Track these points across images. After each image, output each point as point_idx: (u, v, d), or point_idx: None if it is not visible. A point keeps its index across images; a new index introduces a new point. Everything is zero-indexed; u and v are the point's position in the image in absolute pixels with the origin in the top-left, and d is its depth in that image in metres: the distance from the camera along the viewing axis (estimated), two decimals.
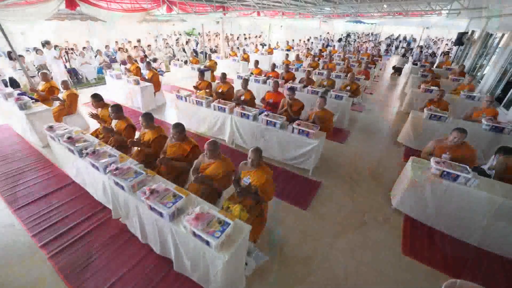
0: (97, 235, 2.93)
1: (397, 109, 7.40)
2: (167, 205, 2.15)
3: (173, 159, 2.99)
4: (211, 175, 2.71)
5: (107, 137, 3.73)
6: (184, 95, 5.08)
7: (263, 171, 2.53)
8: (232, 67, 10.10)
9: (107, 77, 6.85)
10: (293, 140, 3.94)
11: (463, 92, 6.07)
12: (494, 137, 4.31)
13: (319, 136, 3.88)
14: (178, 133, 2.90)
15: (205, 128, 5.14)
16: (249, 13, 11.26)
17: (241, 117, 4.42)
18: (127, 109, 6.58)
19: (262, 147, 4.41)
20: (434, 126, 4.70)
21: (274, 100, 5.07)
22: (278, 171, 4.19)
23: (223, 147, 4.86)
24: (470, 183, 2.77)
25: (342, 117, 5.69)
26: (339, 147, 5.07)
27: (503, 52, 6.62)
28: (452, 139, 3.12)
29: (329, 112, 4.24)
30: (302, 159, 4.00)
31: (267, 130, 4.16)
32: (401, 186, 3.30)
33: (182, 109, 5.34)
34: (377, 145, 5.25)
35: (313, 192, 3.71)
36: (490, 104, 4.72)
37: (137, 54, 10.42)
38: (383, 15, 15.56)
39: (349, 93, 5.90)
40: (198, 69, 7.92)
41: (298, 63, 8.82)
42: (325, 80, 6.55)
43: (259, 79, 6.71)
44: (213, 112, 4.78)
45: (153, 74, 6.50)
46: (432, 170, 2.93)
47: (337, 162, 4.57)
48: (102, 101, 3.85)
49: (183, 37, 16.59)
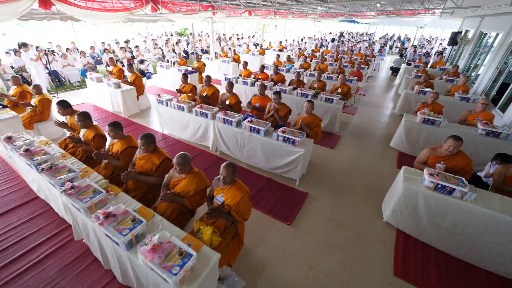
0: (58, 258, 2.63)
1: (390, 111, 7.18)
2: (122, 232, 1.87)
3: (141, 173, 2.70)
4: (182, 192, 2.43)
5: (77, 148, 3.43)
6: (165, 99, 4.79)
7: (238, 188, 2.26)
8: (222, 68, 9.81)
9: (88, 80, 6.52)
10: (278, 148, 3.68)
11: (457, 94, 5.88)
12: (490, 142, 4.10)
13: (306, 143, 3.63)
14: (146, 145, 2.61)
15: (187, 134, 4.86)
16: (240, 13, 10.99)
17: (223, 123, 4.15)
18: (109, 113, 6.27)
19: (246, 155, 4.20)
20: (428, 131, 4.48)
21: (260, 104, 4.80)
22: (263, 181, 3.92)
23: (207, 155, 4.58)
24: (467, 197, 2.53)
25: (332, 121, 5.45)
26: (329, 153, 4.83)
27: (498, 52, 6.45)
28: (447, 148, 2.89)
29: (317, 117, 3.99)
30: (288, 168, 3.74)
31: (251, 137, 3.89)
32: (392, 198, 3.06)
33: (164, 114, 5.05)
34: (369, 150, 5.01)
35: (299, 205, 3.45)
36: (486, 107, 4.51)
37: (124, 56, 10.09)
38: (377, 15, 15.42)
39: (340, 96, 5.67)
40: (185, 70, 7.65)
41: (289, 64, 8.57)
42: (316, 82, 6.30)
43: (247, 81, 6.44)
44: (195, 118, 4.50)
45: (135, 77, 6.19)
46: (426, 183, 2.69)
47: (326, 169, 4.32)
48: (70, 108, 3.54)
49: (174, 37, 16.25)
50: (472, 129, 4.29)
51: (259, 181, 3.94)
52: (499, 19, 7.10)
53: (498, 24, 7.20)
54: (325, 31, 26.98)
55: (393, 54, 19.30)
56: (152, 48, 11.75)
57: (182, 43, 14.48)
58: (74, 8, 5.55)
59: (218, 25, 21.73)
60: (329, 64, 9.33)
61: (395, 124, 6.19)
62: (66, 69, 8.26)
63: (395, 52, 19.70)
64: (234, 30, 23.28)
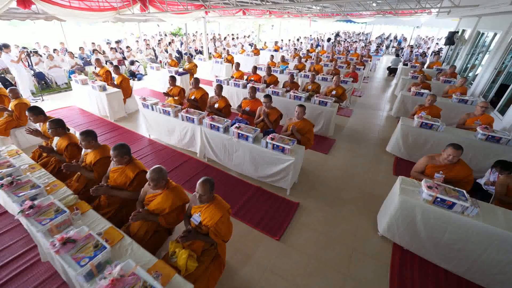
0: (23, 280, 2.39)
1: (386, 113, 7.00)
2: (81, 262, 1.64)
3: (114, 188, 2.46)
4: (156, 210, 2.20)
5: (50, 158, 3.18)
6: (150, 103, 4.55)
7: (217, 207, 2.03)
8: (215, 69, 9.56)
9: (73, 82, 6.25)
10: (267, 156, 3.46)
11: (455, 96, 5.70)
12: (490, 148, 3.91)
13: (297, 151, 3.41)
14: (118, 156, 2.37)
15: (175, 139, 4.63)
16: (233, 12, 10.76)
17: (210, 129, 3.92)
18: (95, 117, 6.01)
19: (235, 162, 3.97)
20: (426, 135, 4.29)
21: (251, 108, 4.58)
22: (252, 189, 3.70)
23: (194, 162, 4.35)
24: (468, 211, 2.33)
25: (326, 124, 5.24)
26: (323, 159, 4.62)
27: (496, 52, 6.28)
28: (446, 156, 2.69)
29: (309, 122, 3.77)
30: (278, 177, 3.52)
31: (239, 144, 3.67)
32: (388, 210, 2.85)
33: (150, 118, 4.81)
34: (364, 155, 4.81)
35: (289, 217, 3.23)
36: (485, 110, 4.33)
37: (114, 57, 9.81)
38: (373, 14, 15.28)
39: (334, 98, 5.47)
40: (176, 72, 7.40)
41: (283, 65, 8.35)
42: (310, 84, 6.09)
43: (239, 83, 6.21)
44: (181, 123, 4.27)
45: (122, 79, 5.94)
46: (424, 195, 2.49)
47: (319, 177, 4.11)
48: (42, 115, 3.30)
49: (168, 37, 15.96)
50: (471, 134, 4.11)
51: (248, 190, 3.72)
52: (497, 19, 6.94)
53: (495, 23, 7.05)
54: (322, 31, 26.85)
55: (389, 54, 19.16)
56: (144, 49, 11.47)
57: (176, 43, 14.21)
58: (56, 7, 5.28)
59: (213, 25, 21.49)
60: (324, 65, 9.13)
61: (391, 127, 6.00)
62: (52, 70, 7.97)
63: (392, 52, 19.58)
64: (230, 30, 23.02)
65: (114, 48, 10.37)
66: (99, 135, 5.16)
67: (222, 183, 3.86)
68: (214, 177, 3.97)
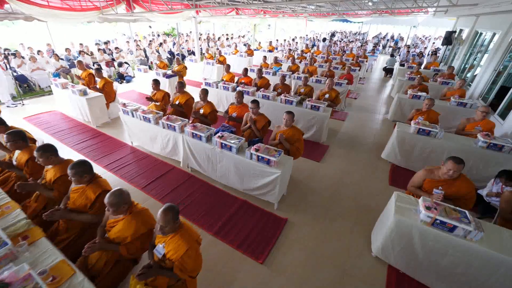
0: None
1: (382, 116, 6.75)
2: None
3: (73, 210, 2.18)
4: (117, 238, 1.92)
5: (10, 174, 2.89)
6: (131, 109, 4.26)
7: (182, 238, 1.75)
8: (206, 71, 9.26)
9: (53, 86, 5.94)
10: (253, 168, 3.19)
11: (453, 99, 5.47)
12: (491, 156, 3.67)
13: (285, 162, 3.14)
14: (76, 176, 2.09)
15: (157, 148, 4.34)
16: (225, 12, 10.48)
17: (192, 137, 3.64)
18: (77, 123, 5.71)
19: (219, 173, 3.69)
20: (423, 142, 4.04)
21: (238, 114, 4.31)
22: (238, 203, 3.43)
23: (178, 172, 4.07)
24: (471, 236, 2.07)
25: (319, 130, 4.98)
26: (315, 167, 4.36)
27: (495, 53, 6.06)
28: (446, 171, 2.43)
29: (298, 130, 3.51)
30: (265, 190, 3.25)
31: (222, 154, 3.39)
32: (383, 229, 2.59)
33: (131, 125, 4.52)
34: (359, 162, 4.56)
35: (276, 234, 2.96)
36: (486, 115, 4.09)
37: (102, 58, 9.49)
38: (369, 14, 15.06)
39: (328, 102, 5.21)
40: (164, 74, 7.11)
41: (276, 66, 8.08)
42: (302, 87, 5.83)
43: (228, 86, 5.93)
44: (163, 130, 3.98)
45: (105, 83, 5.63)
46: (422, 216, 2.23)
47: (310, 187, 3.84)
48: (3, 126, 3.00)
49: (161, 38, 15.63)
50: (471, 141, 3.86)
51: (234, 203, 3.45)
52: (496, 18, 6.71)
53: (494, 23, 6.82)
54: (319, 31, 26.61)
55: (386, 54, 18.95)
56: (134, 50, 11.14)
57: (168, 43, 13.89)
58: (32, 7, 4.97)
59: (207, 25, 21.18)
60: (319, 66, 8.88)
61: (387, 131, 5.75)
62: (35, 73, 7.64)
63: (389, 52, 19.38)
64: (225, 30, 22.71)
65: (102, 49, 10.04)
66: (79, 142, 4.91)
67: (206, 195, 3.58)
68: (198, 189, 3.71)
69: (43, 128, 5.37)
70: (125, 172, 4.05)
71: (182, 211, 3.26)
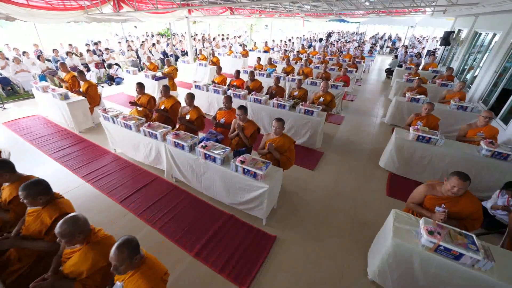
0: None
1: (380, 119, 6.51)
2: None
3: (26, 237, 1.91)
4: (72, 273, 1.65)
5: None
6: (111, 115, 3.99)
7: (144, 276, 1.48)
8: (199, 73, 8.98)
9: (34, 89, 5.64)
10: (238, 181, 2.92)
11: (453, 102, 5.24)
12: (496, 165, 3.43)
13: (273, 175, 2.88)
14: (29, 197, 1.82)
15: (140, 156, 4.07)
16: (219, 12, 10.21)
17: (175, 146, 3.37)
18: (59, 128, 5.42)
19: (204, 185, 3.41)
20: (423, 149, 3.80)
21: (226, 120, 4.04)
22: (224, 218, 3.17)
23: (161, 182, 3.80)
24: (480, 265, 1.83)
25: (313, 136, 4.72)
26: (308, 176, 4.10)
27: (496, 54, 5.84)
28: (450, 188, 2.18)
29: (288, 139, 3.25)
30: (252, 205, 2.99)
31: (207, 165, 3.13)
32: (379, 251, 2.34)
33: (113, 132, 4.25)
34: (355, 170, 4.31)
35: (263, 255, 2.70)
36: (489, 121, 3.85)
37: (91, 59, 9.18)
38: (366, 14, 14.84)
39: (322, 106, 4.96)
40: (153, 76, 6.83)
41: (270, 68, 7.82)
42: (296, 90, 5.57)
43: (219, 89, 5.66)
44: (144, 138, 3.71)
45: (88, 86, 5.33)
46: (423, 241, 1.98)
47: (302, 199, 3.59)
48: None
49: (155, 38, 15.33)
50: (474, 149, 3.62)
51: (219, 218, 3.19)
52: (496, 18, 6.51)
53: (494, 23, 6.62)
54: (316, 31, 26.41)
55: (383, 54, 18.79)
56: (125, 51, 10.84)
57: (162, 44, 13.59)
58: (8, 6, 4.68)
59: (203, 25, 20.89)
60: (315, 67, 8.64)
61: (385, 136, 5.52)
62: (19, 75, 7.33)
63: (386, 52, 19.21)
64: (222, 30, 22.43)
65: (92, 50, 9.73)
66: (59, 149, 4.61)
67: (190, 209, 3.32)
68: (182, 201, 3.44)
69: (22, 134, 5.07)
70: (105, 183, 3.77)
71: (162, 228, 2.99)
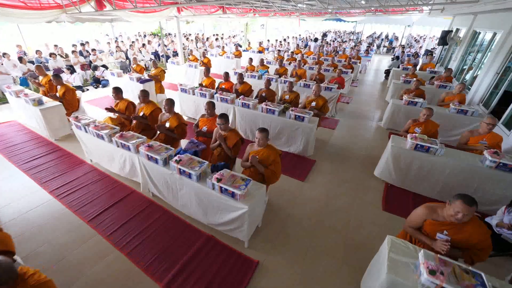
0: None
1: (376, 123, 6.21)
2: None
3: None
4: None
5: None
6: (83, 124, 3.66)
7: None
8: (189, 74, 8.63)
9: (7, 94, 5.29)
10: (216, 200, 2.61)
11: (453, 105, 4.96)
12: (501, 177, 3.14)
13: (255, 194, 2.56)
14: None
15: (116, 167, 3.75)
16: (211, 11, 9.88)
17: (148, 159, 3.05)
18: (35, 135, 5.07)
19: (181, 202, 3.05)
20: (421, 159, 3.51)
21: (209, 129, 3.72)
22: (202, 239, 2.85)
23: (137, 196, 3.48)
24: None
25: (305, 143, 4.42)
26: (298, 188, 3.79)
27: (497, 54, 5.56)
28: (453, 213, 1.87)
29: (273, 151, 2.93)
30: (232, 226, 2.68)
31: (182, 181, 2.81)
32: (373, 284, 2.03)
33: (86, 141, 3.92)
34: (349, 181, 4.01)
35: (243, 284, 2.39)
36: (492, 128, 3.56)
37: (77, 61, 8.81)
38: (363, 13, 14.56)
39: (315, 110, 4.66)
40: (138, 79, 6.49)
41: (262, 69, 7.50)
42: (287, 93, 5.26)
43: (205, 93, 5.33)
44: (117, 149, 3.38)
45: (65, 90, 4.99)
46: (424, 280, 1.67)
47: (290, 215, 3.28)
48: None
49: (147, 38, 14.95)
50: (476, 158, 3.33)
51: (198, 239, 2.87)
52: (496, 17, 6.24)
53: (495, 22, 6.35)
54: (313, 30, 26.10)
55: (380, 54, 18.53)
56: (114, 51, 10.48)
57: (153, 44, 13.22)
58: None
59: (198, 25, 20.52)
60: (309, 68, 8.33)
61: (381, 142, 5.22)
62: None
63: (383, 51, 18.95)
64: (215, 30, 22.07)
65: (79, 51, 9.36)
66: (30, 159, 4.26)
67: (166, 229, 3.00)
68: (158, 219, 3.13)
69: None
70: (75, 199, 3.44)
71: (131, 253, 2.67)
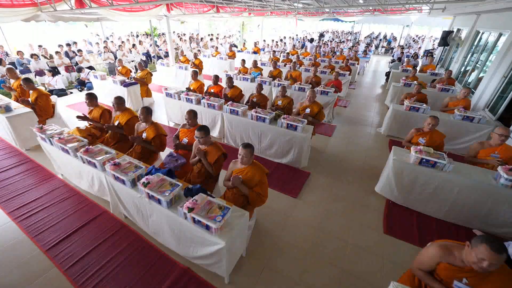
0: None
1: (375, 129, 5.84)
2: None
3: None
4: None
5: None
6: (48, 135, 3.24)
7: None
8: (179, 76, 8.21)
9: None
10: (189, 231, 2.21)
11: (457, 111, 4.61)
12: None
13: (235, 224, 2.16)
14: None
15: (85, 184, 3.33)
16: (204, 10, 9.48)
17: (115, 180, 2.65)
18: (5, 145, 4.65)
19: (152, 229, 2.59)
20: (426, 176, 3.13)
21: (190, 141, 3.33)
22: (177, 272, 2.45)
23: (107, 219, 3.08)
24: None
25: (298, 154, 4.03)
26: (290, 206, 3.40)
27: (504, 56, 5.21)
28: (477, 261, 1.49)
29: (259, 170, 2.53)
30: (209, 261, 2.28)
31: (152, 206, 2.41)
32: None
33: (53, 155, 3.51)
34: (346, 198, 3.62)
35: None
36: (505, 139, 3.20)
37: (61, 62, 8.37)
38: (361, 12, 14.22)
39: (310, 118, 4.28)
40: (122, 82, 6.07)
41: (255, 71, 7.11)
42: (280, 99, 4.87)
43: (192, 98, 4.92)
44: (84, 166, 2.97)
45: (37, 95, 4.56)
46: None
47: (280, 241, 2.88)
48: None
49: (139, 38, 14.51)
50: (489, 175, 2.96)
51: (171, 271, 2.47)
52: (502, 17, 5.89)
53: (500, 22, 6.00)
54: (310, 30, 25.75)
55: (379, 54, 18.21)
56: (102, 52, 10.04)
57: (145, 44, 12.79)
58: None
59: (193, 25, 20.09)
60: (305, 70, 7.95)
61: (382, 151, 4.86)
62: None
63: (381, 52, 18.64)
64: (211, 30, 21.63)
65: (64, 52, 8.91)
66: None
67: (137, 258, 2.60)
68: (128, 247, 2.73)
69: None
70: (36, 221, 3.03)
71: None
